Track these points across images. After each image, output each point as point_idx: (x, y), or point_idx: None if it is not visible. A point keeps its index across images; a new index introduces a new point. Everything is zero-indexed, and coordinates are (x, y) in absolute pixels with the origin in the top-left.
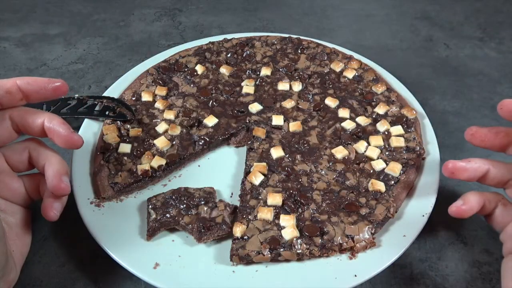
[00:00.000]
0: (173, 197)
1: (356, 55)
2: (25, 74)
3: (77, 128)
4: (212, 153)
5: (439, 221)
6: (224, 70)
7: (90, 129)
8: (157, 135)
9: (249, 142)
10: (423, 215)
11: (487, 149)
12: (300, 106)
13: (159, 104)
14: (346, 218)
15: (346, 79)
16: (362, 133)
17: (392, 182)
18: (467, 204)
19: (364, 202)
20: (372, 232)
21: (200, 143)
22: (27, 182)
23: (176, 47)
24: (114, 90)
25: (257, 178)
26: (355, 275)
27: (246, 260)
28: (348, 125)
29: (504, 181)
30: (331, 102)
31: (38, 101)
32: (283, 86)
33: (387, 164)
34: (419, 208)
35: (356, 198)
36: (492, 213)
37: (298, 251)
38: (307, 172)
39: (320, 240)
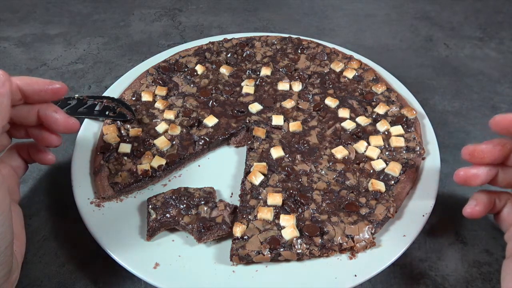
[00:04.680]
0: (173, 197)
1: (356, 55)
2: (25, 74)
3: None
4: (212, 153)
5: (439, 221)
6: (224, 70)
7: (90, 129)
8: (157, 135)
9: (249, 142)
10: (423, 215)
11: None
12: (300, 106)
13: (159, 104)
14: (346, 218)
15: (346, 79)
16: (362, 133)
17: (392, 182)
18: (480, 205)
19: (364, 202)
20: (372, 232)
21: (200, 143)
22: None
23: (176, 47)
24: (114, 90)
25: (257, 178)
26: (355, 275)
27: (246, 260)
28: (348, 125)
29: None
30: (331, 102)
31: (37, 103)
32: (283, 86)
33: (387, 164)
34: (419, 208)
35: (356, 198)
36: (500, 211)
37: (298, 251)
38: (307, 172)
39: (320, 240)
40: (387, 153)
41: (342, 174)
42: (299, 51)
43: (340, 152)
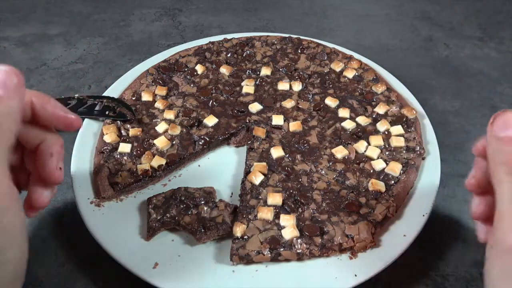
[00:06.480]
0: (173, 197)
1: (356, 55)
2: (25, 74)
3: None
4: (212, 153)
5: (439, 221)
6: (224, 70)
7: (90, 129)
8: (157, 135)
9: (249, 142)
10: (423, 215)
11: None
12: (300, 106)
13: (159, 104)
14: (346, 217)
15: (346, 79)
16: (362, 133)
17: (392, 182)
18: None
19: (364, 201)
20: (372, 231)
21: (200, 143)
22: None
23: (176, 47)
24: (114, 90)
25: (257, 178)
26: (355, 275)
27: (246, 259)
28: (348, 125)
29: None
30: (331, 102)
31: (42, 127)
32: (283, 86)
33: (387, 164)
34: (419, 208)
35: (356, 198)
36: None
37: (298, 251)
38: (307, 172)
39: (320, 240)
40: (387, 153)
41: (342, 174)
42: (299, 51)
43: (340, 152)
